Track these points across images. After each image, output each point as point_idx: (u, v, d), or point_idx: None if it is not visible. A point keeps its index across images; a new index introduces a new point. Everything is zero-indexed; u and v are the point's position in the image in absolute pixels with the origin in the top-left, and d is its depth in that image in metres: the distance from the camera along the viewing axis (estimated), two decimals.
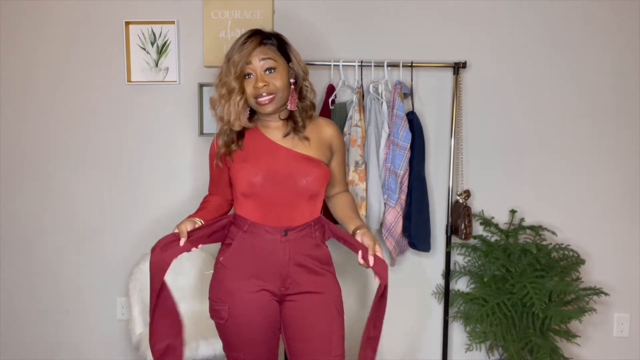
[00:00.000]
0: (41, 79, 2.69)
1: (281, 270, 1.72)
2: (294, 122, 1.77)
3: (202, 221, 1.72)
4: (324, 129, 1.81)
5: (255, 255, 1.72)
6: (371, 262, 1.62)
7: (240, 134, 1.78)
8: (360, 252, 1.66)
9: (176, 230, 1.67)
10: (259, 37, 1.70)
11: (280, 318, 1.77)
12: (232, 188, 1.80)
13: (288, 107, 1.74)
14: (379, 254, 1.64)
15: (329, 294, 1.76)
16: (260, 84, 1.67)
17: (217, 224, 1.75)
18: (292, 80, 1.74)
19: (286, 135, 1.76)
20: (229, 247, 1.75)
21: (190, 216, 1.74)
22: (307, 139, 1.76)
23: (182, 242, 1.64)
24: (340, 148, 1.86)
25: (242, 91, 1.70)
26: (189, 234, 1.65)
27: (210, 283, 1.79)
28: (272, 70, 1.69)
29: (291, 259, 1.72)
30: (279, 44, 1.74)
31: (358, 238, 1.70)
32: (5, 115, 2.72)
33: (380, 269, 1.62)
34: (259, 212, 1.72)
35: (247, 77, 1.70)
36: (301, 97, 1.79)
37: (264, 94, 1.69)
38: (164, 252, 1.63)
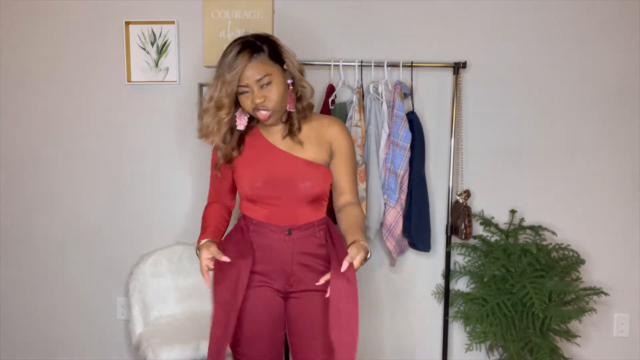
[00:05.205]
0: (41, 79, 2.69)
1: (285, 268, 1.73)
2: (290, 124, 1.74)
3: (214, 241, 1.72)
4: (327, 129, 1.76)
5: (260, 253, 1.73)
6: (343, 268, 1.54)
7: (241, 139, 1.76)
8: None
9: (205, 263, 1.66)
10: (249, 52, 1.61)
11: (284, 315, 1.77)
12: (237, 191, 1.79)
13: (287, 109, 1.72)
14: (355, 263, 1.55)
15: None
16: (258, 100, 1.63)
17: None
18: (289, 81, 1.69)
19: (285, 137, 1.75)
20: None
21: (201, 240, 1.71)
22: (300, 143, 1.73)
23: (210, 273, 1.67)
24: (344, 151, 1.77)
25: (230, 109, 1.66)
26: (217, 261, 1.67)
27: None
28: (268, 85, 1.64)
29: (295, 257, 1.72)
30: (271, 51, 1.64)
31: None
32: (5, 114, 2.72)
33: (344, 285, 1.55)
34: (263, 212, 1.73)
35: (242, 93, 1.65)
36: (298, 98, 1.74)
37: (262, 109, 1.65)
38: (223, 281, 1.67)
